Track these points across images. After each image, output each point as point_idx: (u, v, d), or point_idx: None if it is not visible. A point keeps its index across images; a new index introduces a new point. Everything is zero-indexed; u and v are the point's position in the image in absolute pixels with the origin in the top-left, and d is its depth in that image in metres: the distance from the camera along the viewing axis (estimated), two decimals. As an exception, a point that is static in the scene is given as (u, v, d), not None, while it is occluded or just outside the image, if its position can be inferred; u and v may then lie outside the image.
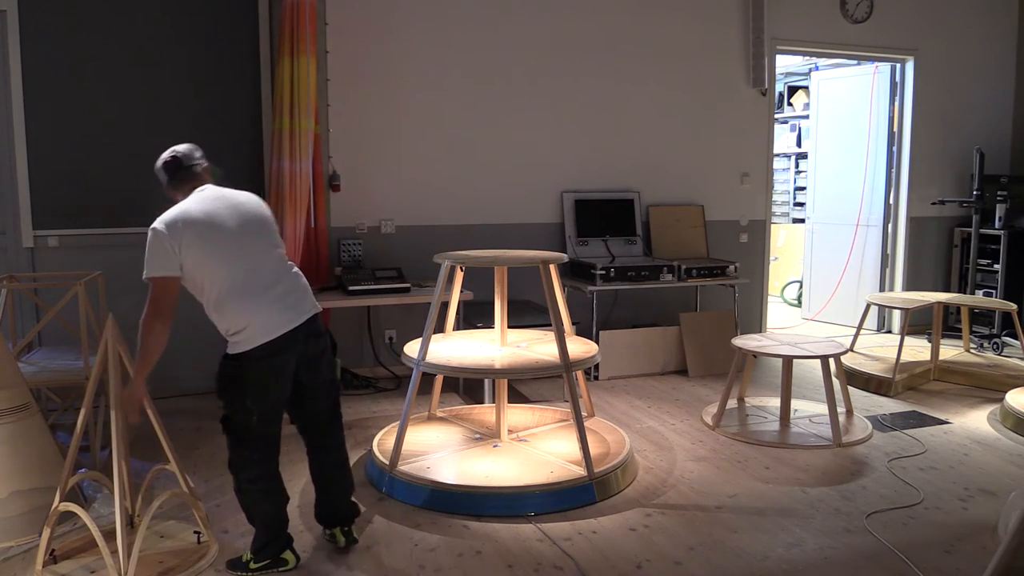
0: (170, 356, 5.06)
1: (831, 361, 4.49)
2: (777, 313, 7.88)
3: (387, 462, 3.61)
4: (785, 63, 8.06)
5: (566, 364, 3.56)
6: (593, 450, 3.79)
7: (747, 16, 6.30)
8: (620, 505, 3.46)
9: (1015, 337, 5.60)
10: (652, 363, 5.65)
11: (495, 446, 3.95)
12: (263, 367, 2.76)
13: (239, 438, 2.83)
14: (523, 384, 5.35)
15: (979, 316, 6.69)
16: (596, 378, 5.48)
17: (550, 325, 4.81)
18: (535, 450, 3.86)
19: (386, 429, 4.10)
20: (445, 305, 4.02)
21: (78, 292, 3.71)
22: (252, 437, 2.81)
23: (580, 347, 3.87)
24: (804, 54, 7.05)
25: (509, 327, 4.70)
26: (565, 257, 3.91)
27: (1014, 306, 5.41)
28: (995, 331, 6.44)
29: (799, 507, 3.46)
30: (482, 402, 4.73)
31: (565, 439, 3.97)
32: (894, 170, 7.06)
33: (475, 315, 5.05)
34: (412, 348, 3.82)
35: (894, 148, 7.06)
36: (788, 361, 4.53)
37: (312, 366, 2.88)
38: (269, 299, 2.78)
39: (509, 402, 4.37)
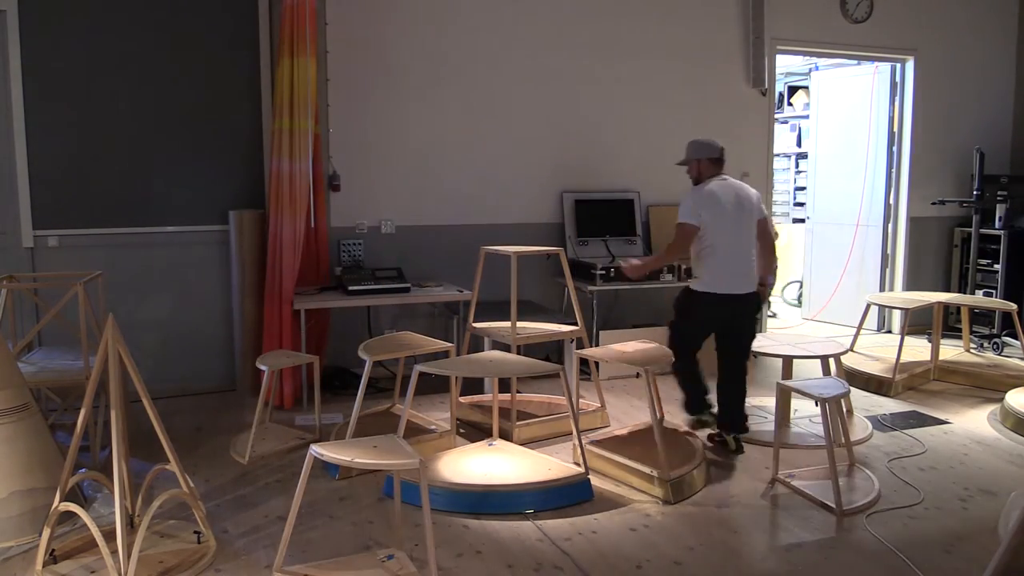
0: (170, 356, 5.09)
1: (831, 361, 4.49)
2: (777, 313, 7.88)
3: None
4: (785, 63, 8.05)
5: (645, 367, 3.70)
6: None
7: (747, 16, 6.30)
8: (620, 505, 3.46)
9: (1015, 337, 5.60)
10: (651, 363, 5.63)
11: (490, 444, 3.95)
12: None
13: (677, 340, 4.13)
14: (521, 383, 5.33)
15: (979, 316, 6.68)
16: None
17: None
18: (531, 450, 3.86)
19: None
20: (446, 304, 4.04)
21: (78, 292, 3.71)
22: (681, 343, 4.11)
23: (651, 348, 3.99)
24: (804, 54, 7.05)
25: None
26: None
27: (1014, 306, 5.41)
28: (995, 331, 6.44)
29: (799, 507, 3.46)
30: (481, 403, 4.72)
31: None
32: (894, 170, 7.06)
33: (475, 315, 5.04)
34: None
35: (894, 148, 7.06)
36: (788, 361, 4.52)
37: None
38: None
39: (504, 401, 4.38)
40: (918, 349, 5.96)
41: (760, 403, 4.90)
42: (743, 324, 4.10)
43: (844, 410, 4.31)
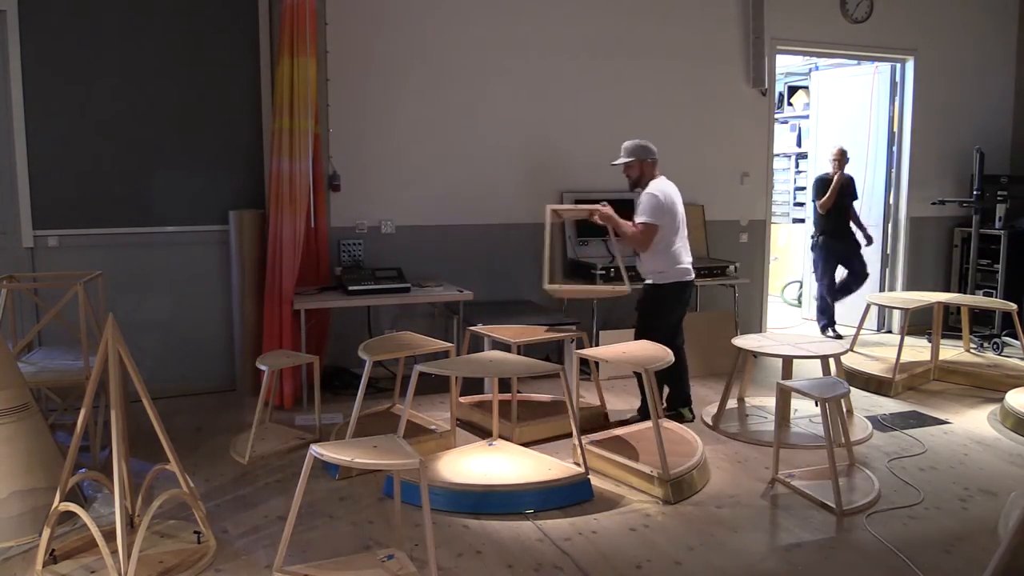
0: (170, 356, 5.08)
1: (831, 361, 4.49)
2: (777, 313, 7.88)
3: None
4: (785, 63, 8.05)
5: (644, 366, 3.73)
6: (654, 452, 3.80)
7: (747, 16, 6.30)
8: (620, 505, 3.47)
9: (1015, 337, 5.60)
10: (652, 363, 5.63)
11: (490, 444, 3.95)
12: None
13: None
14: (522, 383, 5.33)
15: (979, 316, 6.68)
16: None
17: (549, 325, 4.84)
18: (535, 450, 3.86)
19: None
20: (446, 304, 4.01)
21: (78, 292, 3.71)
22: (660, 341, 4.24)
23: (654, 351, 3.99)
24: (804, 54, 7.05)
25: (509, 326, 4.71)
26: None
27: (1014, 306, 5.41)
28: (995, 331, 6.44)
29: (799, 507, 3.46)
30: (481, 403, 4.72)
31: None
32: (894, 170, 7.06)
33: (475, 315, 5.05)
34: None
35: (894, 148, 7.06)
36: (788, 361, 4.52)
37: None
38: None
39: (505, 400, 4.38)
40: (918, 349, 5.96)
41: (760, 403, 4.90)
42: (687, 306, 4.64)
43: (844, 410, 4.32)
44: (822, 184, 6.68)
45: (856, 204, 6.75)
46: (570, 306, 5.78)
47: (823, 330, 6.81)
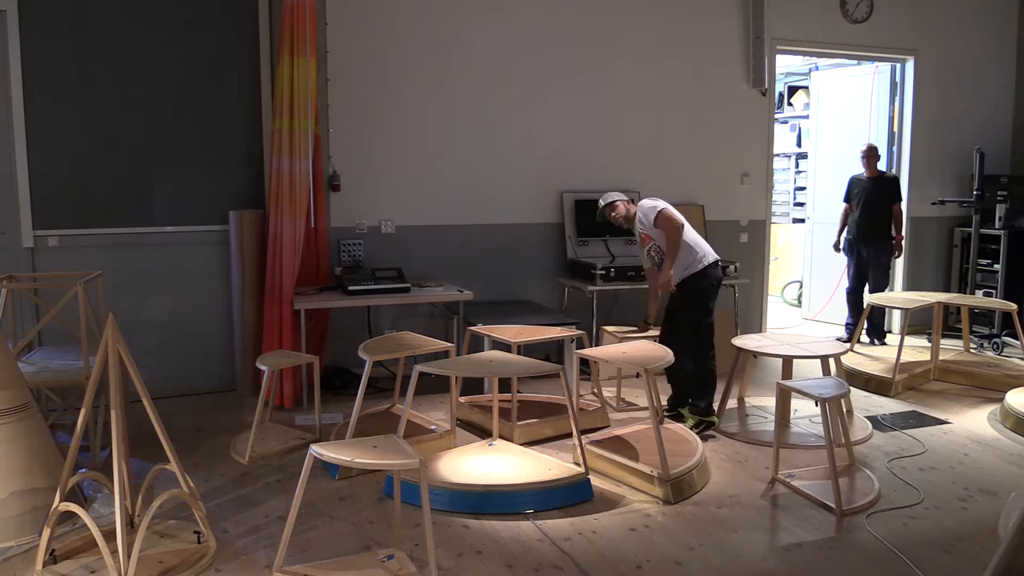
0: (170, 356, 5.08)
1: (831, 361, 4.49)
2: (777, 313, 7.88)
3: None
4: (785, 63, 8.05)
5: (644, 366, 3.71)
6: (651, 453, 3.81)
7: (747, 16, 6.30)
8: (620, 505, 3.47)
9: (1015, 337, 5.60)
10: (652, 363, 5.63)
11: (490, 444, 3.96)
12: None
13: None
14: (521, 383, 5.33)
15: (979, 316, 6.68)
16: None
17: (546, 324, 4.84)
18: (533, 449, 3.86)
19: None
20: (446, 305, 4.02)
21: (78, 292, 3.71)
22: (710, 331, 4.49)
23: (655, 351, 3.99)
24: (804, 54, 7.05)
25: (509, 326, 4.71)
26: None
27: (1014, 306, 5.41)
28: (995, 331, 6.44)
29: (799, 507, 3.46)
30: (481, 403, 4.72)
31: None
32: (894, 170, 7.05)
33: (474, 315, 5.05)
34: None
35: (894, 148, 7.06)
36: (788, 361, 4.52)
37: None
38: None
39: (506, 400, 4.38)
40: (918, 349, 5.96)
41: (760, 403, 4.90)
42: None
43: (844, 410, 4.31)
44: (849, 184, 6.53)
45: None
46: (570, 306, 5.79)
47: (846, 328, 6.56)
